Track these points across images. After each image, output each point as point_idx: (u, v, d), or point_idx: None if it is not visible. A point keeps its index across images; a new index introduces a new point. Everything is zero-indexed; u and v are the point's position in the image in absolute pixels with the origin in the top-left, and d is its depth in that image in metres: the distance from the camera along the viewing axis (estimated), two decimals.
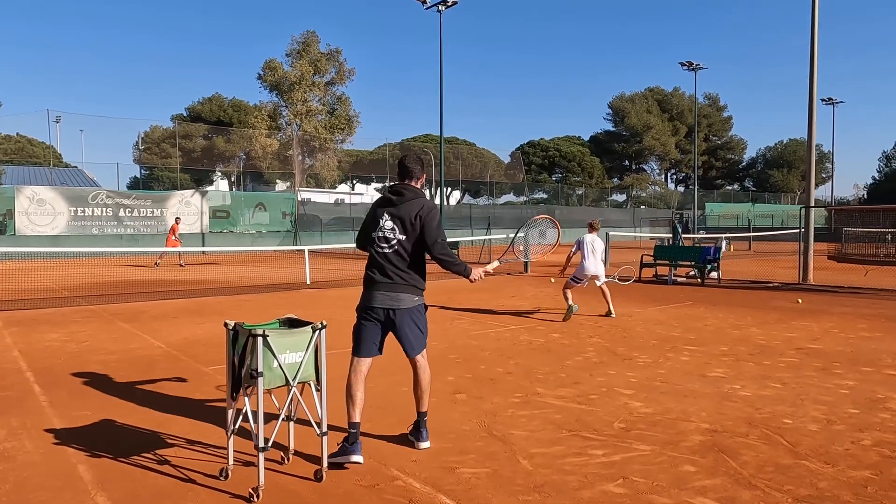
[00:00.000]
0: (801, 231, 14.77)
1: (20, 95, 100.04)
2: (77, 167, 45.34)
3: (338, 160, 50.00)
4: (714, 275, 15.07)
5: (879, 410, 4.85)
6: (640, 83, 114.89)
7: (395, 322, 3.97)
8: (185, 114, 59.69)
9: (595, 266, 9.92)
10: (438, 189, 39.92)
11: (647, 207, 65.44)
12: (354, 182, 63.05)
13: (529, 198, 62.64)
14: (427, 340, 4.14)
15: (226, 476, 3.55)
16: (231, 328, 3.44)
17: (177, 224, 21.79)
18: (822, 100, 54.28)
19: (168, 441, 4.21)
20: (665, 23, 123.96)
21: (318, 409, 3.57)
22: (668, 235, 26.09)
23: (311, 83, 46.46)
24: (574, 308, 9.59)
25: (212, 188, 50.43)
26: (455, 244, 24.01)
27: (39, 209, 26.39)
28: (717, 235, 27.59)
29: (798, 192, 74.61)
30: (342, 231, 35.32)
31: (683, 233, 25.55)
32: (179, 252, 21.54)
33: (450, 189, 62.76)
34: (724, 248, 22.44)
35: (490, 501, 3.30)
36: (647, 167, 75.78)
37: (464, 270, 4.16)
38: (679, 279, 15.33)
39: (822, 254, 16.18)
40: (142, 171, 53.90)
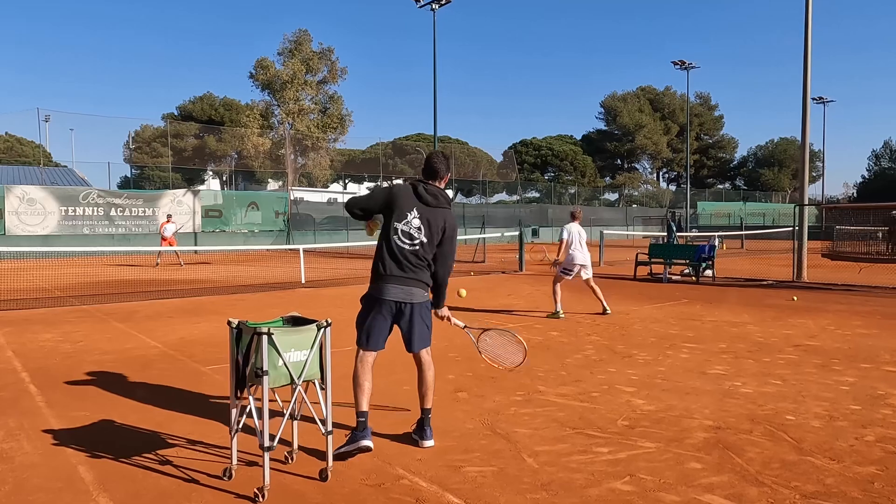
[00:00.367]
0: (795, 229, 14.83)
1: (9, 94, 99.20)
2: (67, 166, 44.93)
3: (330, 159, 49.88)
4: (708, 273, 15.12)
5: (881, 407, 4.86)
6: (632, 82, 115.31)
7: (406, 315, 3.94)
8: (177, 113, 59.41)
9: (584, 256, 9.81)
10: None
11: (639, 206, 65.66)
12: (347, 181, 62.93)
13: (522, 197, 62.68)
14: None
15: (229, 476, 3.50)
16: (235, 326, 3.40)
17: (168, 222, 21.65)
18: (813, 99, 54.62)
19: (169, 441, 4.16)
20: (657, 22, 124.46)
21: (323, 408, 3.54)
22: (661, 234, 26.17)
23: (304, 82, 46.32)
24: (560, 315, 9.48)
25: (203, 187, 50.21)
26: None
27: (30, 209, 26.17)
28: (710, 234, 27.69)
29: (789, 191, 75.05)
30: (335, 230, 35.25)
31: (676, 231, 25.62)
32: (177, 251, 21.40)
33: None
34: (717, 247, 22.50)
35: (498, 500, 3.28)
36: (639, 166, 76.09)
37: (442, 300, 4.22)
38: (674, 277, 15.37)
39: (815, 252, 16.25)
40: (132, 171, 53.64)
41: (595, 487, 3.42)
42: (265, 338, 3.20)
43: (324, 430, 3.52)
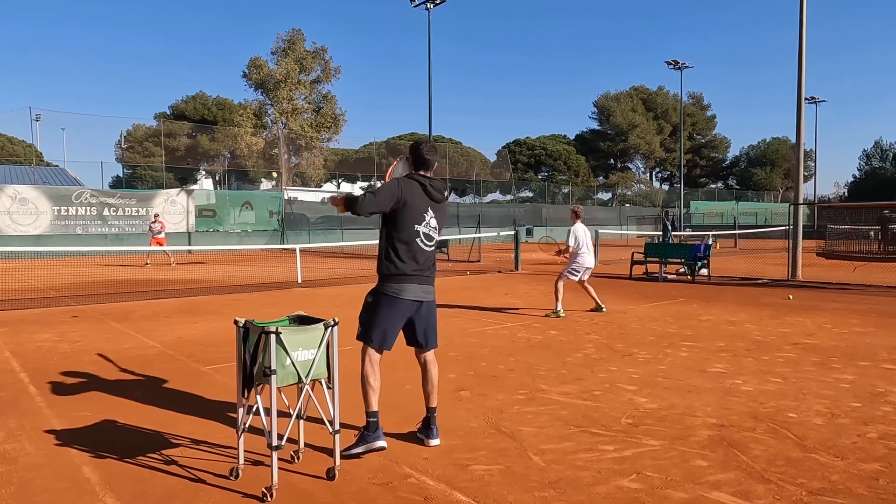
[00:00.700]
0: (791, 228, 14.91)
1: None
2: (58, 166, 44.65)
3: (324, 159, 49.80)
4: (704, 272, 15.18)
5: (881, 404, 4.89)
6: (625, 82, 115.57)
7: (421, 314, 3.96)
8: (169, 112, 59.14)
9: (592, 259, 9.74)
10: None
11: (632, 206, 65.81)
12: (340, 181, 62.82)
13: (516, 196, 62.75)
14: None
15: (236, 476, 3.49)
16: (242, 325, 3.39)
17: (155, 222, 21.49)
18: (805, 99, 54.83)
19: (173, 441, 4.14)
20: (650, 22, 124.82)
21: (330, 407, 3.53)
22: (654, 233, 26.26)
23: (297, 81, 46.23)
24: (561, 314, 9.43)
25: (196, 187, 50.03)
26: (445, 242, 23.97)
27: (22, 208, 26.00)
28: (704, 233, 27.79)
29: (781, 190, 75.49)
30: (329, 230, 35.18)
31: (671, 230, 25.71)
32: (166, 251, 21.30)
33: None
34: (712, 246, 22.59)
35: (506, 498, 3.28)
36: (633, 166, 76.28)
37: None
38: (669, 276, 15.42)
39: (808, 251, 16.36)
40: (124, 170, 53.37)
41: (603, 485, 3.43)
42: (273, 337, 3.19)
43: (331, 430, 3.51)
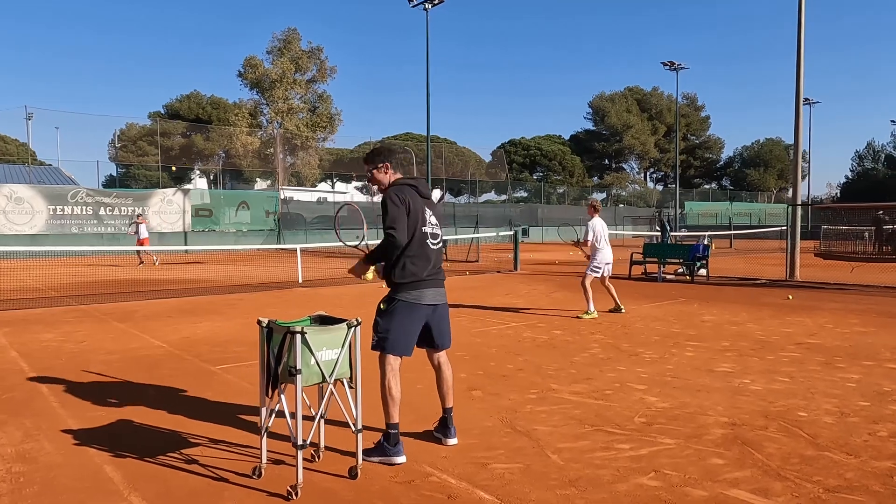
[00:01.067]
0: (788, 229, 15.01)
1: None
2: (51, 165, 44.44)
3: (319, 158, 49.75)
4: (703, 272, 15.27)
5: (889, 403, 4.95)
6: (620, 83, 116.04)
7: (437, 315, 3.98)
8: (163, 111, 58.92)
9: (610, 253, 9.62)
10: None
11: (627, 206, 66.05)
12: (335, 180, 62.76)
13: (511, 196, 62.83)
14: None
15: (259, 474, 3.51)
16: (265, 326, 3.41)
17: (142, 219, 21.40)
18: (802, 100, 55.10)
19: (191, 441, 4.16)
20: (644, 22, 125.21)
21: (353, 407, 3.56)
22: (649, 233, 26.36)
23: (293, 81, 46.17)
24: (594, 314, 9.31)
25: (190, 186, 49.89)
26: (444, 242, 23.97)
27: (17, 208, 25.89)
28: (700, 234, 27.93)
29: (774, 191, 75.90)
30: (326, 230, 35.11)
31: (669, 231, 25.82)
32: (147, 250, 21.16)
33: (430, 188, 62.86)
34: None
35: (529, 496, 3.32)
36: (627, 166, 76.56)
37: None
38: (668, 276, 15.51)
39: (804, 251, 16.46)
40: (118, 170, 53.15)
41: (622, 483, 3.47)
42: (298, 336, 3.22)
43: (354, 429, 3.54)
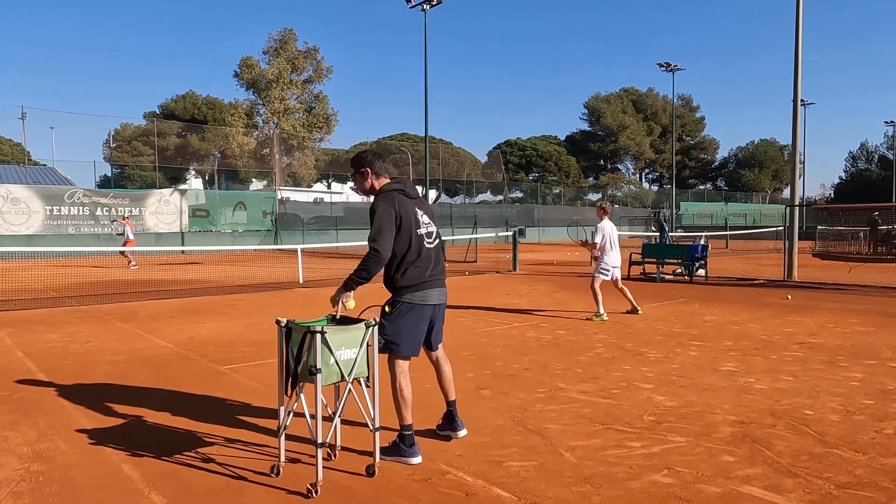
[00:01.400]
0: (786, 229, 15.11)
1: None
2: (46, 165, 44.31)
3: (314, 158, 49.74)
4: (701, 272, 15.35)
5: (894, 401, 5.02)
6: (615, 83, 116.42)
7: (437, 315, 4.03)
8: (159, 111, 58.76)
9: (618, 257, 9.59)
10: (423, 189, 39.95)
11: (623, 206, 66.23)
12: (331, 181, 62.74)
13: (507, 197, 62.93)
14: None
15: (277, 473, 3.55)
16: (284, 325, 3.45)
17: (127, 221, 21.29)
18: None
19: (206, 440, 4.19)
20: (639, 21, 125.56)
21: (370, 405, 3.59)
22: (645, 234, 26.47)
23: (289, 81, 46.15)
24: (604, 317, 9.25)
25: (185, 186, 49.79)
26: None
27: (14, 208, 25.78)
28: (696, 234, 28.06)
29: (769, 192, 76.25)
30: (323, 230, 35.15)
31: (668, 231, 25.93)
32: (128, 251, 21.10)
33: (424, 189, 62.94)
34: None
35: (545, 493, 3.36)
36: (622, 167, 76.79)
37: None
38: (667, 277, 15.59)
39: (800, 252, 16.57)
40: (113, 170, 52.98)
41: (636, 480, 3.52)
42: (318, 336, 3.25)
43: (372, 427, 3.57)
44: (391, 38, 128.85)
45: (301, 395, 3.43)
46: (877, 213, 22.49)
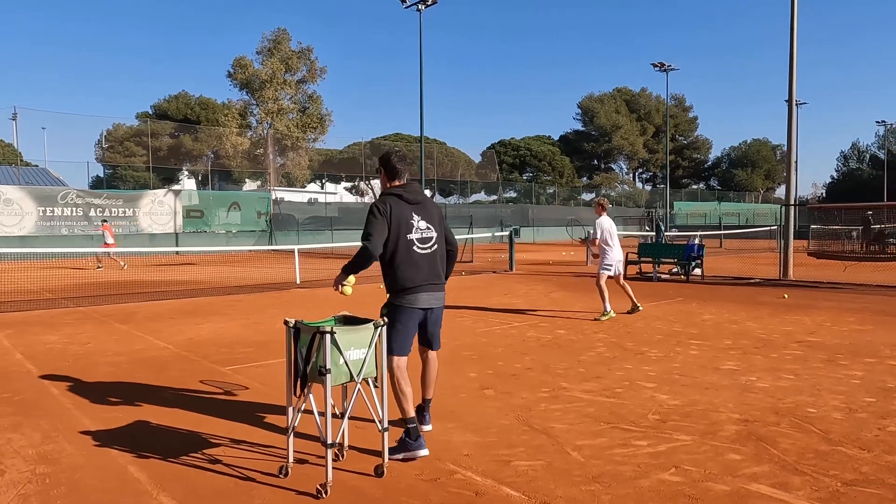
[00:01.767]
0: (781, 229, 15.19)
1: None
2: (38, 166, 44.01)
3: (308, 159, 49.61)
4: (697, 272, 15.41)
5: (895, 399, 5.05)
6: (609, 83, 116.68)
7: (431, 318, 4.13)
8: (151, 112, 58.50)
9: (620, 252, 9.61)
10: None
11: (616, 206, 66.36)
12: (325, 181, 62.61)
13: (501, 197, 62.96)
14: None
15: (286, 473, 3.54)
16: (293, 326, 3.44)
17: (106, 226, 21.11)
18: (785, 101, 55.71)
19: (211, 441, 4.17)
20: (631, 19, 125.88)
21: (378, 405, 3.59)
22: (639, 233, 26.55)
23: (283, 81, 45.99)
24: (612, 314, 9.25)
25: (178, 187, 49.58)
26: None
27: (6, 209, 25.62)
28: (690, 233, 28.15)
29: (762, 191, 76.56)
30: (318, 231, 35.06)
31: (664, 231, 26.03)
32: (109, 253, 20.99)
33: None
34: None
35: (554, 492, 3.37)
36: (616, 166, 76.96)
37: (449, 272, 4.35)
38: (663, 276, 15.64)
39: (794, 251, 16.65)
40: (105, 170, 52.70)
41: (645, 479, 3.53)
42: (328, 336, 3.25)
43: (380, 427, 3.57)
44: (385, 38, 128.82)
45: (310, 395, 3.42)
46: (870, 213, 22.66)
